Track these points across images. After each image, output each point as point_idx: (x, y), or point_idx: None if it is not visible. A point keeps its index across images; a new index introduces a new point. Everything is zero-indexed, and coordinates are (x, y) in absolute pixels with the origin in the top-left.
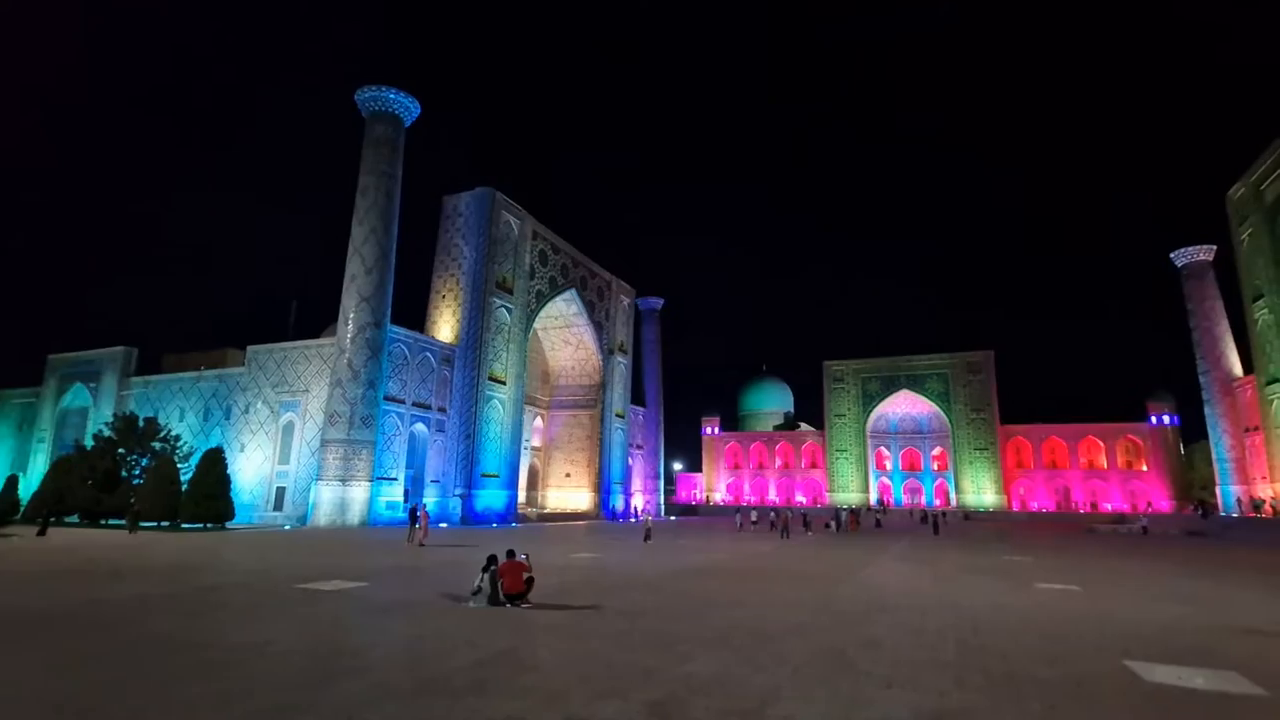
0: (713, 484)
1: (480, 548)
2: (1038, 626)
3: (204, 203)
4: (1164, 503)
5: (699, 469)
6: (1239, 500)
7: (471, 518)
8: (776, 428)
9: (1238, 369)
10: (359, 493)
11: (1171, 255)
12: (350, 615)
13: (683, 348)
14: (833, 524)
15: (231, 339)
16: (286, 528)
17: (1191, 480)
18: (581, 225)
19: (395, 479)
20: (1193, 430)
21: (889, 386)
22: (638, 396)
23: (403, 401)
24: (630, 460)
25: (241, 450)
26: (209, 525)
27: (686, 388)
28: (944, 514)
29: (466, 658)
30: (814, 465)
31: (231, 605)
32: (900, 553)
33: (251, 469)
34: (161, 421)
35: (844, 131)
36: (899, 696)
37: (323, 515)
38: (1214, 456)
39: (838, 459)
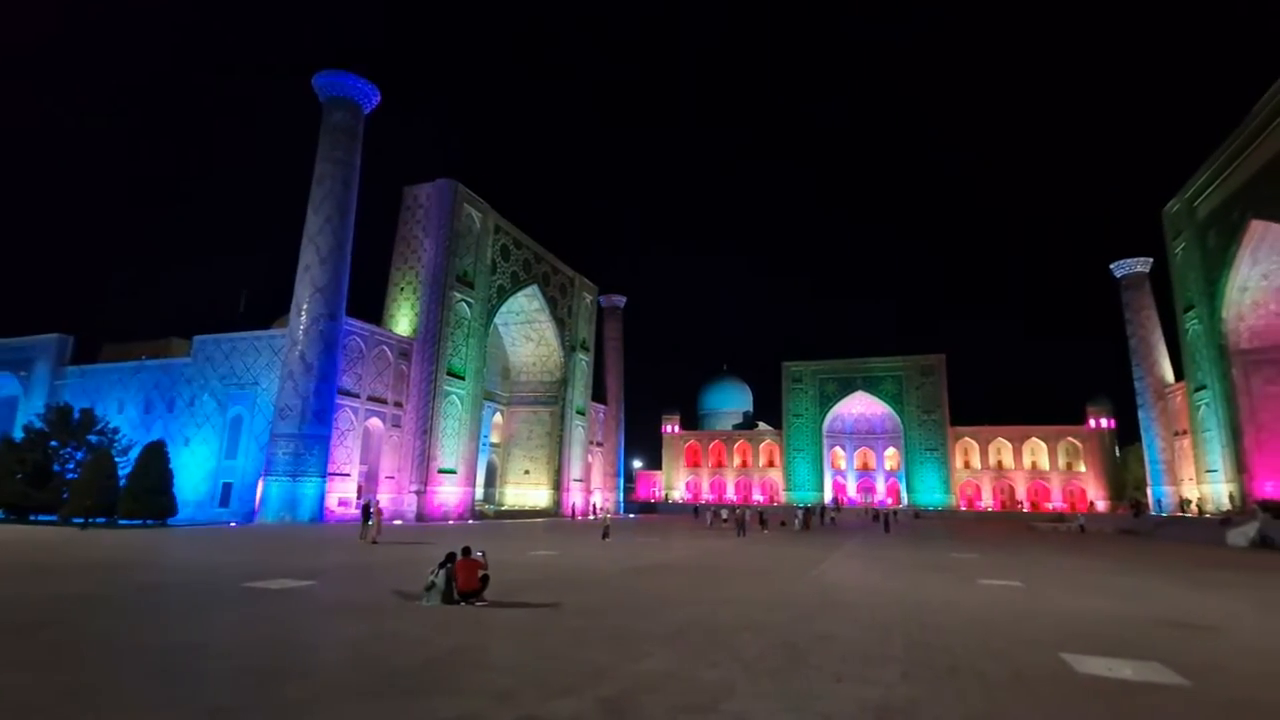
0: (672, 482)
1: (436, 545)
2: (981, 621)
3: (150, 186)
4: (1100, 502)
5: (659, 467)
6: (1159, 501)
7: (427, 515)
8: (736, 427)
9: (1170, 376)
10: (310, 489)
11: (1111, 266)
12: (298, 615)
13: (645, 345)
14: (796, 521)
15: (176, 328)
16: (233, 525)
17: (1126, 481)
18: (545, 221)
19: (348, 475)
20: (1128, 433)
21: (845, 388)
22: (599, 394)
23: (357, 396)
24: (590, 458)
25: (186, 444)
26: (149, 522)
27: (648, 386)
28: (895, 513)
29: (418, 657)
30: (771, 464)
31: (172, 604)
32: (852, 550)
33: (196, 464)
34: (99, 413)
35: (814, 138)
36: (848, 690)
37: (271, 512)
38: (1146, 458)
39: (795, 458)
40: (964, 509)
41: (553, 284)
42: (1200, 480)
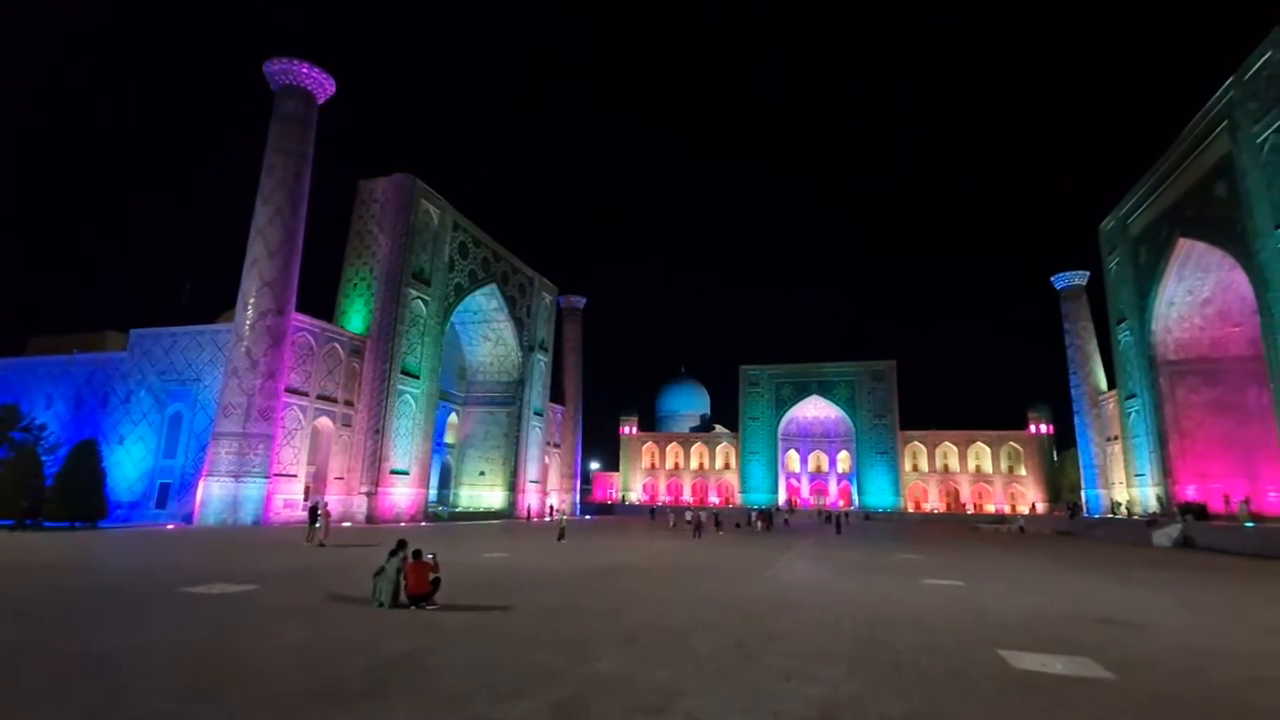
0: (629, 483)
1: (385, 547)
2: (924, 620)
3: (85, 170)
4: (1040, 504)
5: (616, 468)
6: (1091, 504)
7: (378, 516)
8: (693, 429)
9: (1104, 384)
10: (254, 490)
11: (1052, 279)
12: (239, 620)
13: (604, 347)
14: (759, 524)
15: (112, 321)
16: (170, 527)
17: (1062, 484)
18: (505, 222)
19: (295, 475)
20: (1066, 438)
21: (801, 392)
22: (557, 395)
23: (306, 394)
24: (547, 459)
25: (120, 443)
26: (78, 524)
27: (606, 387)
28: (846, 514)
29: (364, 662)
30: (727, 466)
31: (102, 610)
32: (804, 551)
33: (131, 463)
34: (25, 409)
35: (771, 144)
36: (796, 688)
37: (212, 513)
38: (1081, 462)
39: (750, 460)
40: (912, 510)
41: (511, 283)
42: (1129, 484)
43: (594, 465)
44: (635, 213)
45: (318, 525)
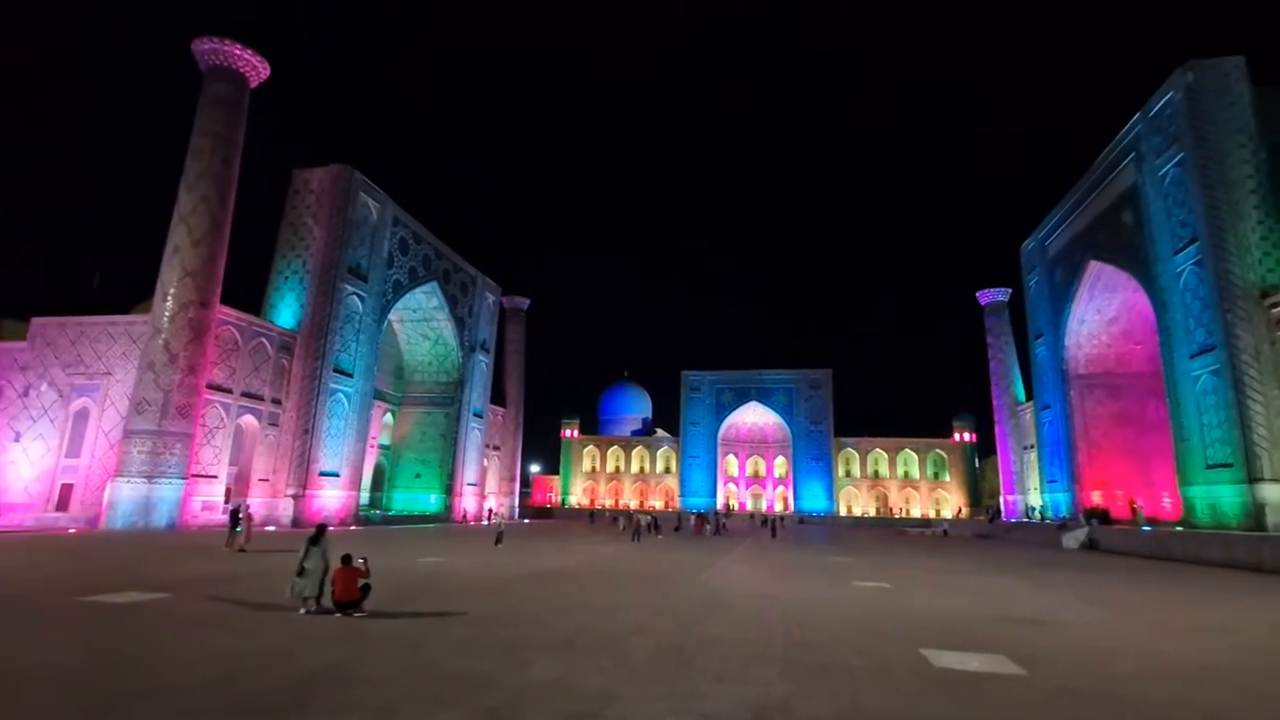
0: (570, 487)
1: None
2: (853, 620)
3: None
4: (964, 509)
5: (557, 471)
6: (1009, 508)
7: (306, 520)
8: (634, 433)
9: (1023, 395)
10: (169, 491)
11: (978, 294)
12: (148, 631)
13: (547, 350)
14: (707, 529)
15: (9, 309)
16: (72, 530)
17: (983, 489)
18: (449, 219)
19: (216, 477)
20: (987, 446)
21: (740, 398)
22: (498, 396)
23: (230, 391)
24: (486, 461)
25: (16, 440)
26: None
27: (548, 389)
28: (782, 518)
29: (287, 673)
30: (668, 470)
31: None
32: (740, 555)
33: (28, 462)
34: None
35: (716, 158)
36: (729, 690)
37: (120, 516)
38: (1000, 469)
39: (690, 465)
40: (845, 515)
41: (453, 282)
42: (1042, 490)
43: (534, 468)
44: (582, 216)
45: (239, 529)
